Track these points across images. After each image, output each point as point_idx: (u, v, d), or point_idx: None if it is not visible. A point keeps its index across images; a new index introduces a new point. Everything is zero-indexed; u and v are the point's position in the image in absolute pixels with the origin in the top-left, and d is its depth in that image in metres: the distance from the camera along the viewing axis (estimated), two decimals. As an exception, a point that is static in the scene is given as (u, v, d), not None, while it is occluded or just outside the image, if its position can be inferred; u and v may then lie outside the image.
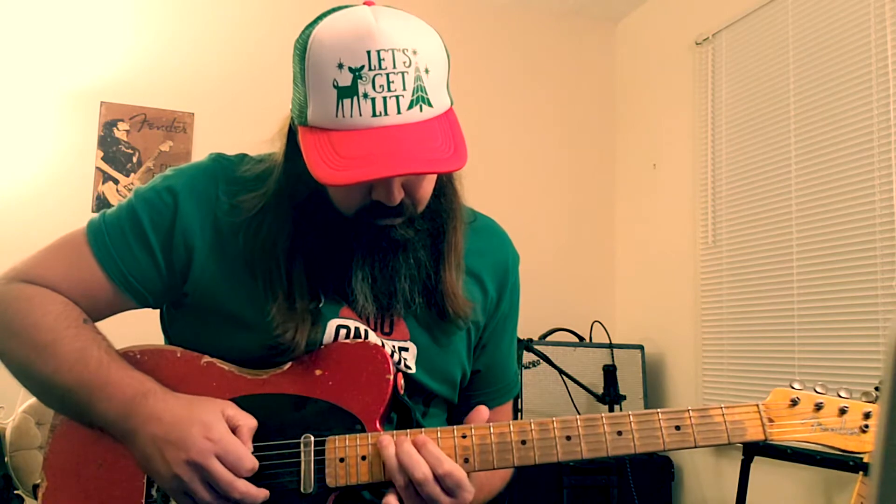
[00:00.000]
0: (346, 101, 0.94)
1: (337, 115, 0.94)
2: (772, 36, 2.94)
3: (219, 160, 1.14)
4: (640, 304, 3.68)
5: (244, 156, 1.15)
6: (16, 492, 2.49)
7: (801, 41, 2.80)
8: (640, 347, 3.36)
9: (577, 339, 3.43)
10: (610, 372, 3.10)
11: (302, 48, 0.98)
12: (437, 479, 0.96)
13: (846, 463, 2.21)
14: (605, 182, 3.92)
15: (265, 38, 3.35)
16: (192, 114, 3.35)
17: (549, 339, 3.39)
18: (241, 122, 2.83)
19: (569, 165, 3.88)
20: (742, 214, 3.03)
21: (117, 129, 3.26)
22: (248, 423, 1.00)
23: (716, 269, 3.15)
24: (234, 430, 0.99)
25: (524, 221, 3.63)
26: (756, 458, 2.44)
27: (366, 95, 0.93)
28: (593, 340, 3.44)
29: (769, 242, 2.87)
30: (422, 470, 0.95)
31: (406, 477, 0.96)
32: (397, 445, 0.97)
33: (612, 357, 3.25)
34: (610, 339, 3.34)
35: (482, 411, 1.04)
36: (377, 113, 0.93)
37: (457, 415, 1.24)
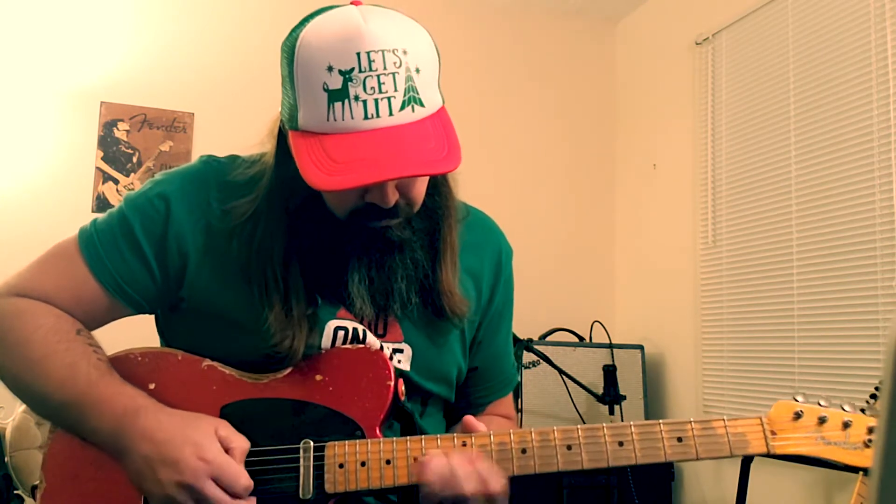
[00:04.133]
0: (338, 105, 0.92)
1: (328, 119, 0.93)
2: (772, 36, 2.94)
3: (209, 163, 1.13)
4: (639, 304, 3.68)
5: (235, 157, 1.14)
6: (16, 492, 2.49)
7: (801, 41, 2.80)
8: (640, 347, 3.36)
9: (577, 339, 3.43)
10: (610, 372, 3.10)
11: (289, 52, 0.97)
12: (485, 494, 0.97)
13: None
14: (605, 182, 3.91)
15: (265, 38, 3.32)
16: (192, 114, 3.35)
17: (549, 339, 3.39)
18: (241, 122, 2.82)
19: (569, 166, 3.87)
20: (742, 214, 3.03)
21: (117, 129, 3.26)
22: (242, 445, 0.99)
23: (716, 269, 3.15)
24: (227, 451, 0.98)
25: (524, 221, 3.63)
26: (756, 458, 2.44)
27: (357, 98, 0.92)
28: (593, 340, 3.44)
29: (769, 242, 2.87)
30: (473, 485, 0.96)
31: (455, 488, 0.96)
32: (451, 456, 0.97)
33: (612, 357, 3.24)
34: (610, 339, 3.34)
35: (474, 424, 1.04)
36: (369, 115, 0.92)
37: (456, 411, 1.24)
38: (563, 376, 3.04)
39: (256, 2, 3.48)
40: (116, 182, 3.24)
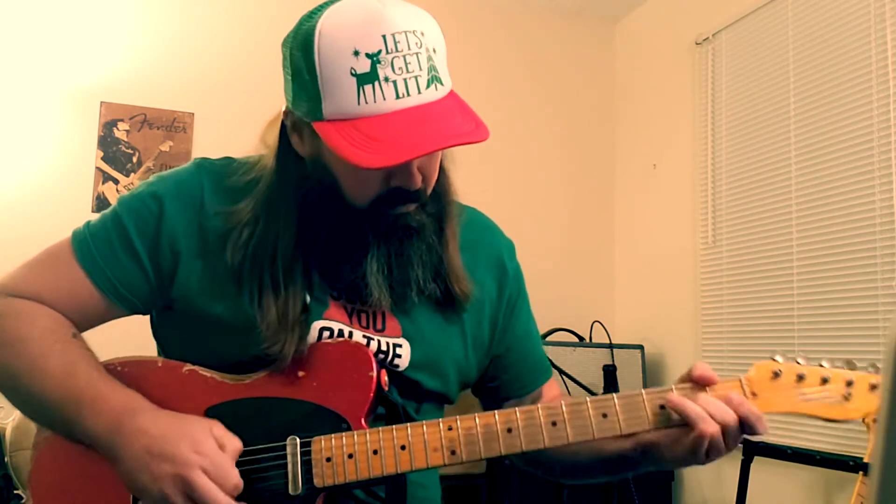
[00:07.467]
0: (367, 88, 0.94)
1: (359, 103, 0.94)
2: (772, 36, 2.94)
3: (203, 166, 1.13)
4: (640, 304, 3.68)
5: (230, 160, 1.15)
6: (16, 491, 2.49)
7: (801, 41, 2.80)
8: (640, 347, 3.36)
9: (577, 339, 3.43)
10: (610, 372, 3.10)
11: (306, 44, 0.97)
12: (742, 419, 0.98)
13: (846, 463, 2.21)
14: (605, 182, 3.91)
15: (265, 38, 3.32)
16: (192, 114, 3.35)
17: (549, 339, 3.38)
18: (241, 122, 2.82)
19: (569, 165, 3.87)
20: (742, 214, 3.03)
21: (117, 129, 3.26)
22: (234, 444, 0.99)
23: (716, 269, 3.15)
24: (220, 449, 0.98)
25: (524, 221, 3.63)
26: (756, 458, 2.44)
27: (387, 79, 0.94)
28: (593, 340, 3.44)
29: (769, 242, 2.87)
30: (731, 415, 0.97)
31: (716, 424, 0.97)
32: (697, 398, 0.98)
33: (612, 357, 3.24)
34: (610, 339, 3.34)
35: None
36: (400, 95, 0.94)
37: (489, 403, 1.25)
38: (563, 376, 3.04)
39: (256, 2, 3.49)
40: (116, 182, 3.24)
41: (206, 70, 3.38)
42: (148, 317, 1.18)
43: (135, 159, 3.28)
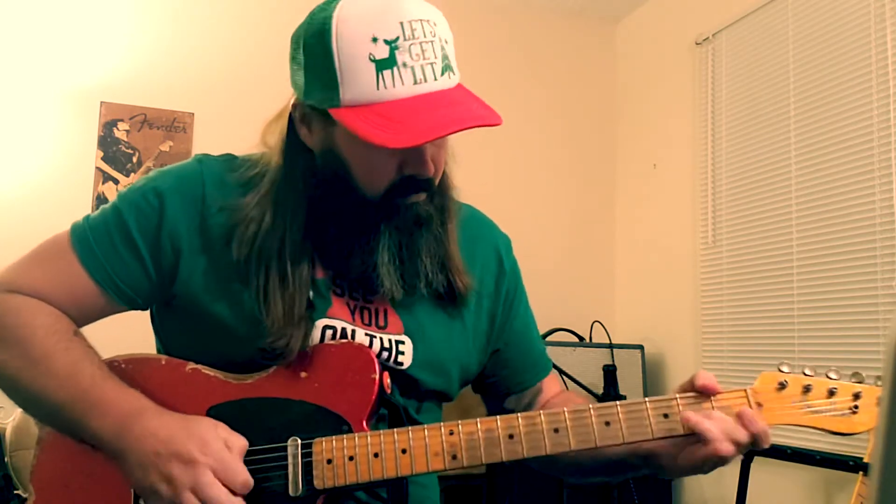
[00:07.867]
0: (386, 73, 0.95)
1: (378, 88, 0.95)
2: (772, 36, 2.94)
3: (205, 162, 1.13)
4: (640, 304, 3.68)
5: (232, 156, 1.14)
6: (16, 491, 2.49)
7: (801, 41, 2.80)
8: (640, 347, 3.36)
9: (577, 339, 3.42)
10: (610, 372, 3.10)
11: (321, 32, 0.98)
12: (755, 436, 0.98)
13: (846, 463, 2.21)
14: (605, 182, 3.91)
15: (265, 38, 3.35)
16: (192, 114, 3.35)
17: (549, 339, 3.38)
18: (241, 122, 2.81)
19: (569, 166, 3.87)
20: (742, 214, 3.03)
21: (117, 129, 3.26)
22: (240, 443, 0.99)
23: (716, 269, 3.15)
24: (227, 448, 0.98)
25: (524, 221, 3.63)
26: (756, 458, 2.44)
27: (405, 64, 0.96)
28: (593, 340, 3.44)
29: (769, 242, 2.87)
30: (746, 434, 0.97)
31: (732, 442, 0.96)
32: (713, 419, 0.97)
33: (612, 357, 3.24)
34: (610, 339, 3.34)
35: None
36: (417, 80, 0.96)
37: (490, 399, 1.25)
38: (563, 376, 3.04)
39: (256, 2, 3.49)
40: (116, 182, 3.24)
41: (206, 70, 3.38)
42: (147, 313, 1.18)
43: (135, 159, 3.28)
